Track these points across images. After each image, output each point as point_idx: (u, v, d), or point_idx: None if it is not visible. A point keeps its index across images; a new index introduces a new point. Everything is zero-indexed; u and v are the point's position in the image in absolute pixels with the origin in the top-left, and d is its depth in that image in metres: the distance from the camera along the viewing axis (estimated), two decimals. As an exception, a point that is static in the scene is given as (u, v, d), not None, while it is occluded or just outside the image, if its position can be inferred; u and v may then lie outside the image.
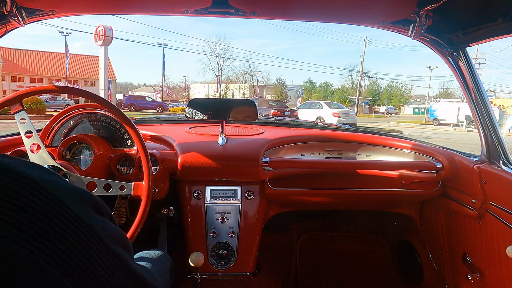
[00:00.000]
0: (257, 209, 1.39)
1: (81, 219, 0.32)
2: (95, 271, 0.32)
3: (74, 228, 0.31)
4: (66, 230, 0.30)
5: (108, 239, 0.35)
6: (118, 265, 0.36)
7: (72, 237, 0.31)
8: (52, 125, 1.24)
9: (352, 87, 50.78)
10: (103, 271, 0.33)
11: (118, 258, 0.36)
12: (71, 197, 0.33)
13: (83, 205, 0.34)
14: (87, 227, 0.32)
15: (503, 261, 1.11)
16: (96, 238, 0.33)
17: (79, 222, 0.32)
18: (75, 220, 0.32)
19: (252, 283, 1.68)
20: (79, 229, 0.32)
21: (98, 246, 0.33)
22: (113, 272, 0.35)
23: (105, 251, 0.34)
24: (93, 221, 0.34)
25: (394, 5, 1.06)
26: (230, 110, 1.32)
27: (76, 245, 0.31)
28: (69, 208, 0.32)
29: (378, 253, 1.97)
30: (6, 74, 27.34)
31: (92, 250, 0.32)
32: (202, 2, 1.06)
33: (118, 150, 1.23)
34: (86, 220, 0.33)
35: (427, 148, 1.44)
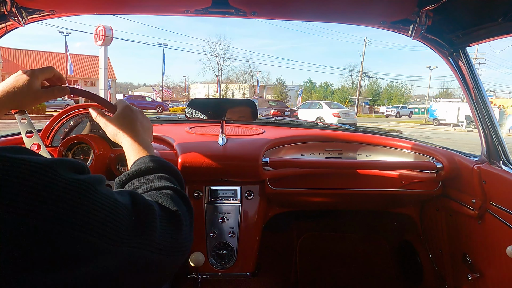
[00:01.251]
0: (257, 209, 1.39)
1: (73, 178, 0.38)
2: (99, 215, 0.38)
3: (69, 187, 0.37)
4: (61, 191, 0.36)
5: (98, 184, 0.41)
6: (112, 202, 0.41)
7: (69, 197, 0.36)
8: (52, 125, 1.24)
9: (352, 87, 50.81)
10: (104, 212, 0.39)
11: (109, 196, 0.41)
12: (59, 165, 0.38)
13: (69, 170, 0.39)
14: (80, 182, 0.38)
15: (503, 261, 1.11)
16: (90, 186, 0.39)
17: (73, 181, 0.37)
18: (68, 180, 0.37)
19: (252, 283, 1.68)
20: (73, 186, 0.37)
21: (94, 193, 0.39)
22: (111, 209, 0.40)
23: (99, 195, 0.40)
24: (80, 177, 0.39)
25: (394, 5, 1.06)
26: (230, 110, 1.32)
27: (76, 202, 0.36)
28: (58, 172, 0.37)
29: (378, 253, 1.97)
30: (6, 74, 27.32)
31: (90, 198, 0.38)
32: (202, 2, 1.05)
33: (118, 150, 1.23)
34: (74, 177, 0.38)
35: (427, 148, 1.44)
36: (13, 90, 0.74)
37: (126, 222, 0.42)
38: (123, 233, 0.41)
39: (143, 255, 0.44)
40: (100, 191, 0.40)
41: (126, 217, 0.42)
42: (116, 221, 0.40)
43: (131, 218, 0.43)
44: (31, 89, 0.76)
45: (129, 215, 0.43)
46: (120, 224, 0.41)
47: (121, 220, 0.41)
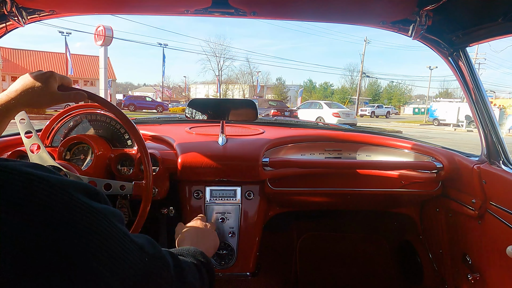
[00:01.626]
0: (257, 209, 1.39)
1: (86, 204, 0.35)
2: (111, 248, 0.36)
3: (82, 213, 0.34)
4: (74, 215, 0.34)
5: (113, 217, 0.38)
6: (126, 239, 0.39)
7: (82, 222, 0.34)
8: (52, 125, 1.24)
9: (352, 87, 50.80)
10: (117, 247, 0.37)
11: (124, 233, 0.39)
12: (73, 187, 0.36)
13: (84, 194, 0.37)
14: (93, 210, 0.36)
15: (503, 261, 1.11)
16: (103, 217, 0.36)
17: (86, 207, 0.35)
18: (81, 205, 0.35)
19: (252, 283, 1.68)
20: (87, 214, 0.35)
21: (107, 225, 0.36)
22: (124, 245, 0.38)
23: (114, 228, 0.37)
24: (96, 205, 0.37)
25: (394, 5, 1.06)
26: (230, 110, 1.32)
27: (89, 229, 0.34)
28: (73, 195, 0.35)
29: (378, 253, 1.97)
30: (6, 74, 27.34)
31: (104, 229, 0.36)
32: (202, 2, 1.05)
33: (118, 150, 1.23)
34: (90, 204, 0.36)
35: (427, 148, 1.44)
36: (32, 89, 0.75)
37: (137, 262, 0.40)
38: (132, 271, 0.39)
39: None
40: (115, 224, 0.38)
41: (138, 258, 0.40)
42: (127, 258, 0.38)
43: (144, 259, 0.41)
44: (49, 90, 0.77)
45: (141, 256, 0.41)
46: (131, 261, 0.38)
47: (133, 258, 0.39)
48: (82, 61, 33.61)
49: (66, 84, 0.83)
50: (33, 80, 0.75)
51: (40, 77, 0.76)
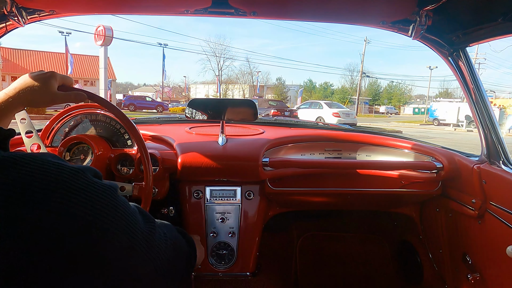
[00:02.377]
0: (257, 209, 1.38)
1: (100, 183, 0.44)
2: (121, 214, 0.45)
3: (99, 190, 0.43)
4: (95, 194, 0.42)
5: (116, 191, 0.47)
6: (127, 206, 0.48)
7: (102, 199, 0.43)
8: (52, 125, 1.24)
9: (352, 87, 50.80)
10: (123, 213, 0.45)
11: (125, 201, 0.48)
12: (87, 171, 0.44)
13: (94, 176, 0.45)
14: (105, 187, 0.44)
15: (503, 261, 1.11)
16: (114, 191, 0.45)
17: (100, 186, 0.44)
18: (97, 184, 0.43)
19: (252, 283, 1.68)
20: (102, 190, 0.43)
21: (115, 196, 0.45)
22: (128, 210, 0.47)
23: (119, 199, 0.46)
24: (105, 182, 0.46)
25: (394, 5, 1.06)
26: (230, 110, 1.32)
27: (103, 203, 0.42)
28: (90, 178, 0.43)
29: (378, 253, 1.97)
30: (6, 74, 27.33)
31: (114, 200, 0.44)
32: (202, 2, 1.05)
33: (118, 150, 1.23)
34: (102, 183, 0.45)
35: (427, 148, 1.44)
36: (32, 88, 0.75)
37: (140, 219, 0.50)
38: (139, 228, 0.48)
39: (147, 260, 0.50)
40: (119, 196, 0.47)
41: (139, 215, 0.50)
42: (135, 218, 0.48)
43: (140, 217, 0.51)
44: (49, 90, 0.77)
45: (139, 218, 0.50)
46: (137, 222, 0.48)
47: (137, 218, 0.49)
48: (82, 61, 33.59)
49: (67, 84, 0.83)
50: (33, 79, 0.75)
51: (40, 76, 0.76)
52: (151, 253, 0.50)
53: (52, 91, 0.77)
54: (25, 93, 0.75)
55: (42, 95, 0.76)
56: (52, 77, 0.77)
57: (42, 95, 0.76)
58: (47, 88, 0.76)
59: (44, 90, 0.76)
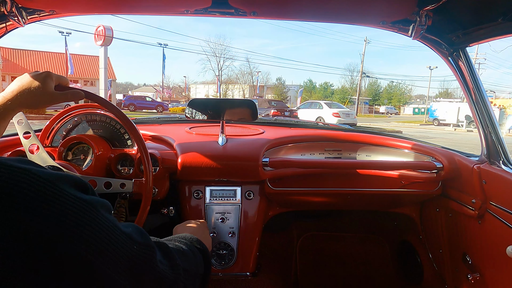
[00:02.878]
0: (257, 209, 1.38)
1: (73, 195, 0.36)
2: (100, 237, 0.37)
3: (70, 204, 0.35)
4: (63, 206, 0.35)
5: (101, 208, 0.39)
6: (115, 229, 0.40)
7: (70, 212, 0.35)
8: (52, 125, 1.24)
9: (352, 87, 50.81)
10: (107, 236, 0.38)
11: (113, 223, 0.40)
12: (60, 179, 0.37)
13: (71, 186, 0.38)
14: (81, 201, 0.37)
15: (503, 261, 1.11)
16: (92, 208, 0.37)
17: (73, 198, 0.36)
18: (68, 196, 0.36)
19: (252, 283, 1.68)
20: (75, 204, 0.36)
21: (96, 215, 0.37)
22: (113, 234, 0.39)
23: (102, 218, 0.38)
24: (83, 196, 0.38)
25: (394, 5, 1.06)
26: (230, 110, 1.32)
27: (77, 219, 0.35)
28: (59, 187, 0.36)
29: (378, 253, 1.97)
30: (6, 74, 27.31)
31: (93, 219, 0.37)
32: (202, 2, 1.05)
33: (118, 150, 1.23)
34: (77, 195, 0.37)
35: (427, 148, 1.44)
36: (29, 89, 0.75)
37: (127, 249, 0.41)
38: (122, 259, 0.39)
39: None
40: (102, 214, 0.38)
41: (127, 246, 0.41)
42: (116, 246, 0.39)
43: (133, 247, 0.42)
44: (46, 90, 0.77)
45: (130, 244, 0.42)
46: (120, 250, 0.39)
47: (122, 247, 0.40)
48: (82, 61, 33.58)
49: (63, 83, 0.83)
50: (29, 81, 0.75)
51: (36, 77, 0.76)
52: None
53: (49, 91, 0.77)
54: (22, 95, 0.75)
55: (40, 95, 0.76)
56: (48, 77, 0.77)
57: (39, 96, 0.76)
58: (44, 89, 0.76)
59: (41, 90, 0.76)
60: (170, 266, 0.51)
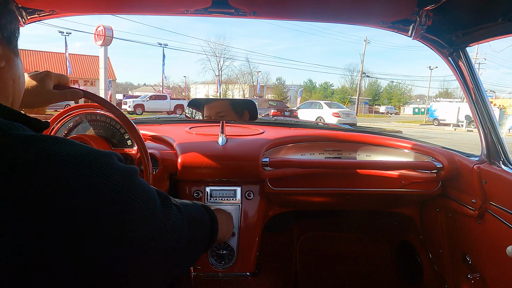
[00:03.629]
0: (257, 209, 1.39)
1: (117, 165, 0.49)
2: (142, 194, 0.50)
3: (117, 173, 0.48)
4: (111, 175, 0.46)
5: (135, 174, 0.52)
6: (147, 187, 0.54)
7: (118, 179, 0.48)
8: (52, 125, 1.24)
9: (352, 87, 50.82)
10: (146, 191, 0.52)
11: (144, 183, 0.53)
12: (110, 156, 0.50)
13: (117, 159, 0.51)
14: (129, 170, 0.50)
15: (503, 261, 1.11)
16: (134, 172, 0.51)
17: (117, 167, 0.49)
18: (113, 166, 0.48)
19: (252, 283, 1.68)
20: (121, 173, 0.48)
21: (136, 179, 0.51)
22: (148, 191, 0.53)
23: (139, 181, 0.52)
24: (124, 166, 0.50)
25: (394, 5, 1.06)
26: (230, 110, 1.32)
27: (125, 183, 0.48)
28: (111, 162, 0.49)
29: (378, 253, 1.97)
30: (6, 74, 27.24)
31: (134, 181, 0.50)
32: (202, 2, 1.06)
33: (118, 150, 1.23)
34: (120, 165, 0.50)
35: (427, 148, 1.44)
36: (27, 89, 0.74)
37: (157, 199, 0.54)
38: (157, 204, 0.53)
39: (163, 234, 0.53)
40: (138, 177, 0.51)
41: (156, 196, 0.55)
42: (153, 196, 0.52)
43: (159, 198, 0.56)
44: (45, 89, 0.77)
45: (156, 195, 0.55)
46: (155, 199, 0.53)
47: (155, 197, 0.53)
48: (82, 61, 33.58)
49: (63, 82, 0.83)
50: (28, 80, 0.75)
51: (35, 76, 0.76)
52: (169, 232, 0.54)
53: (48, 90, 0.77)
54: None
55: (39, 95, 0.76)
56: (47, 76, 0.77)
57: (39, 95, 0.76)
58: (43, 88, 0.76)
59: (40, 90, 0.76)
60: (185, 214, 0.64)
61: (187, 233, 0.60)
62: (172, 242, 0.55)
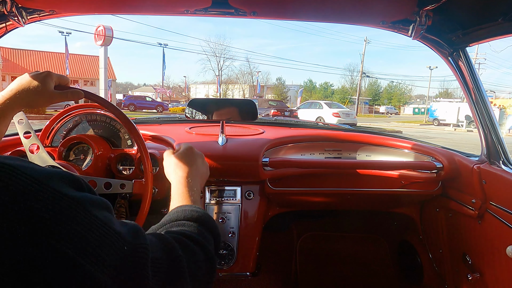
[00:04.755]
0: (257, 209, 1.39)
1: (62, 193, 0.35)
2: (85, 235, 0.35)
3: (57, 202, 0.34)
4: (50, 204, 0.33)
5: (91, 206, 0.37)
6: (103, 227, 0.37)
7: (56, 210, 0.33)
8: (52, 125, 1.24)
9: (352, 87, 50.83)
10: (93, 235, 0.35)
11: (102, 221, 0.38)
12: (47, 176, 0.35)
13: (64, 184, 0.36)
14: (67, 198, 0.35)
15: (503, 261, 1.11)
16: (80, 206, 0.36)
17: (59, 196, 0.34)
18: (54, 194, 0.34)
19: (252, 283, 1.68)
20: (63, 202, 0.34)
21: (83, 214, 0.35)
22: (101, 233, 0.37)
23: (90, 216, 0.36)
24: (72, 193, 0.36)
25: (394, 5, 1.06)
26: (230, 110, 1.32)
27: (61, 216, 0.34)
28: (49, 186, 0.34)
29: (378, 253, 1.97)
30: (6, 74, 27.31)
31: (77, 217, 0.35)
32: (202, 2, 1.05)
33: (118, 150, 1.23)
34: (67, 193, 0.35)
35: (427, 148, 1.44)
36: (28, 89, 0.75)
37: (116, 250, 0.37)
38: (107, 258, 0.36)
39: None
40: (91, 211, 0.36)
41: (116, 245, 0.37)
42: (104, 246, 0.36)
43: (123, 248, 0.38)
44: (46, 90, 0.77)
45: (120, 244, 0.38)
46: (106, 248, 0.36)
47: (109, 247, 0.37)
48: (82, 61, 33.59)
49: (63, 83, 0.83)
50: (29, 80, 0.76)
51: (36, 76, 0.76)
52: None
53: (49, 91, 0.77)
54: (22, 94, 0.75)
55: (40, 95, 0.76)
56: (48, 76, 0.77)
57: (40, 95, 0.76)
58: (44, 88, 0.76)
59: (41, 90, 0.76)
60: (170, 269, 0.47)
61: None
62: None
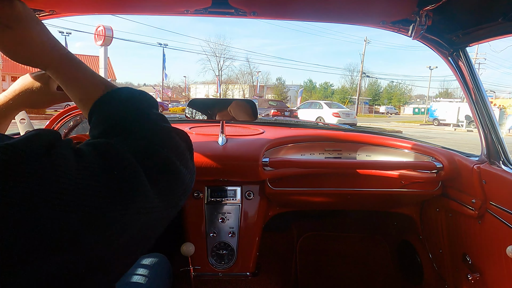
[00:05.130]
0: (257, 209, 1.39)
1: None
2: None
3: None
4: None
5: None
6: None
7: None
8: (52, 125, 1.24)
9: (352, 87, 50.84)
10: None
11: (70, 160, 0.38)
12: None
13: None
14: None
15: (503, 261, 1.11)
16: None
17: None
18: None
19: (252, 283, 1.68)
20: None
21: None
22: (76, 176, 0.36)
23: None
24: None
25: (394, 5, 1.06)
26: (230, 110, 1.32)
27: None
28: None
29: (378, 253, 1.97)
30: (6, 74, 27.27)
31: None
32: (202, 2, 1.05)
33: None
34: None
35: (427, 148, 1.44)
36: (31, 89, 0.75)
37: (102, 190, 0.36)
38: (100, 202, 0.36)
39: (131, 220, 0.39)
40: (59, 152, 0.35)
41: (100, 185, 0.36)
42: (87, 189, 0.35)
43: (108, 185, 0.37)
44: (49, 90, 0.76)
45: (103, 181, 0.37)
46: (93, 192, 0.36)
47: (94, 189, 0.36)
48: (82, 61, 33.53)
49: None
50: (32, 81, 0.75)
51: (39, 77, 0.76)
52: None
53: (51, 91, 0.77)
54: (24, 94, 0.75)
55: (42, 95, 0.76)
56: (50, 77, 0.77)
57: (42, 96, 0.76)
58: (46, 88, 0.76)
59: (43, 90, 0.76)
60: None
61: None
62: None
